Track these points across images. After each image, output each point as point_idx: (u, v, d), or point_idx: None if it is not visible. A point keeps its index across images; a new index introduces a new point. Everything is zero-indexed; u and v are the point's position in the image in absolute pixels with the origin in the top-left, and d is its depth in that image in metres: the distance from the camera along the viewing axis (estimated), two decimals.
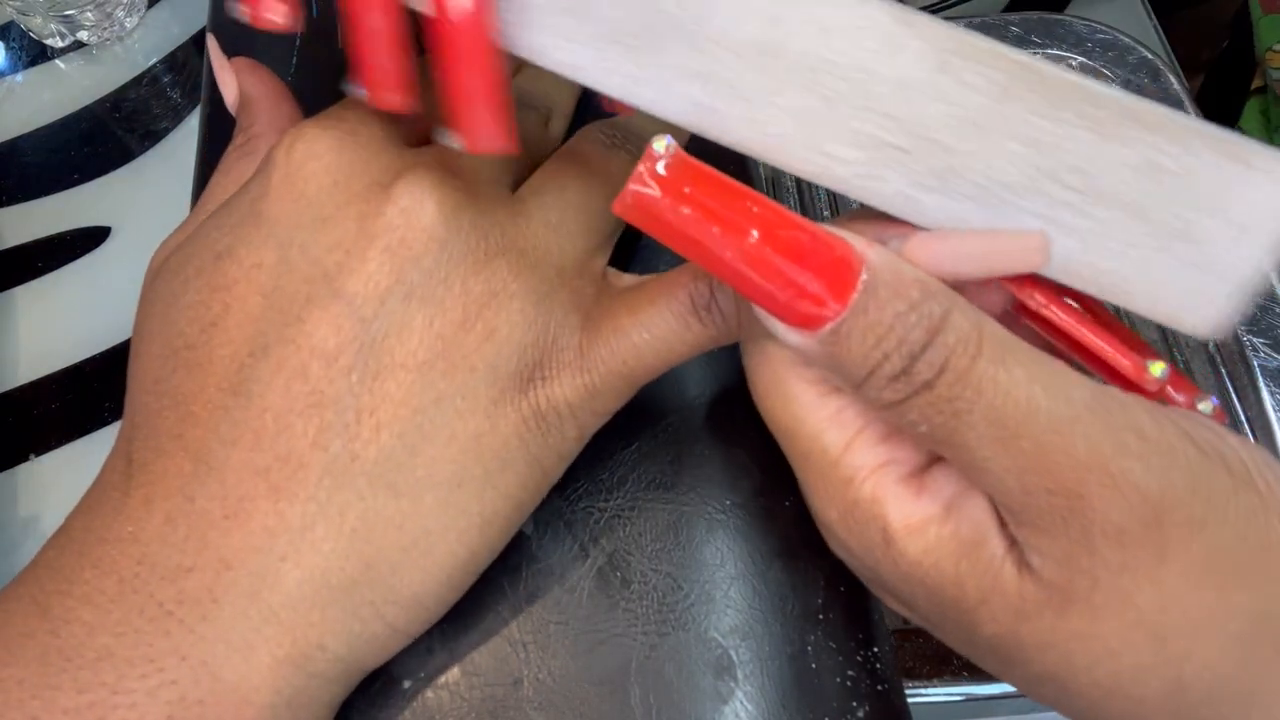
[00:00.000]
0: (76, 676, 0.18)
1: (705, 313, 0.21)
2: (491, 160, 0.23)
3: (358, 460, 0.19)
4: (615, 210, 0.17)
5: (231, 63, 0.25)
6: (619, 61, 0.19)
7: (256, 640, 0.19)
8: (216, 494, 0.19)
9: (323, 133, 0.21)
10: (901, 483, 0.19)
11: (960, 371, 0.17)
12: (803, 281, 0.17)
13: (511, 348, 0.20)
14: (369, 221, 0.20)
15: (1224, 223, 0.18)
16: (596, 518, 0.24)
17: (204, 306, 0.20)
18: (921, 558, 0.18)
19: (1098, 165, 0.18)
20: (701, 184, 0.17)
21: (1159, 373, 0.19)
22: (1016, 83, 0.18)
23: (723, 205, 0.17)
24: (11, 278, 0.39)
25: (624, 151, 0.25)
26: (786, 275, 0.17)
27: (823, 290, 0.17)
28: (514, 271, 0.21)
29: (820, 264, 0.17)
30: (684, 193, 0.17)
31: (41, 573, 0.19)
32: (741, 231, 0.17)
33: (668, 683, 0.22)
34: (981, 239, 0.19)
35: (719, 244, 0.17)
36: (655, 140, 0.16)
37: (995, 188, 0.19)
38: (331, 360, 0.19)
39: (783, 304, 0.17)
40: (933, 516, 0.18)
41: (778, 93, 0.19)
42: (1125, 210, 0.18)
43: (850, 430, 0.19)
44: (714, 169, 0.17)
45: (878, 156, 0.19)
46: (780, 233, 0.17)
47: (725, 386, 0.26)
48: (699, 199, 0.17)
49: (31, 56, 0.44)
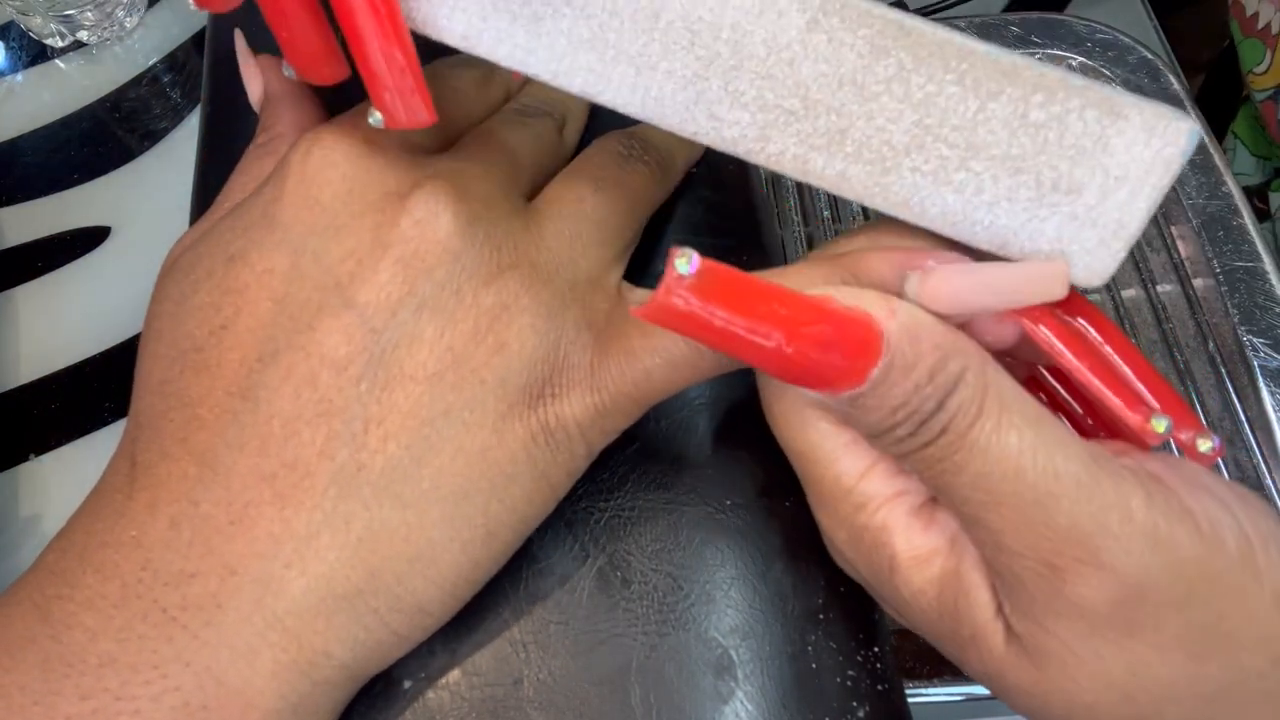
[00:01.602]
0: (79, 683, 0.18)
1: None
2: (508, 171, 0.23)
3: (364, 470, 0.19)
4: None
5: (258, 60, 0.25)
6: (508, 30, 0.19)
7: (261, 646, 0.19)
8: (222, 499, 0.19)
9: (339, 140, 0.21)
10: (912, 514, 0.19)
11: (959, 433, 0.17)
12: (828, 363, 0.17)
13: (521, 362, 0.20)
14: (383, 232, 0.20)
15: (1101, 174, 0.18)
16: (596, 518, 0.24)
17: (214, 309, 0.20)
18: (925, 587, 0.19)
19: (973, 120, 0.18)
20: (728, 292, 0.16)
21: (1162, 429, 0.19)
22: (887, 39, 0.18)
23: (750, 310, 0.17)
24: (11, 278, 0.39)
25: (641, 164, 0.25)
26: (813, 363, 0.17)
27: (846, 368, 0.17)
28: (525, 285, 0.21)
29: (845, 347, 0.17)
30: (710, 304, 0.16)
31: (43, 577, 0.19)
32: (769, 336, 0.17)
33: (668, 683, 0.22)
34: (1003, 272, 0.19)
35: (747, 346, 0.17)
36: (679, 259, 0.16)
37: (881, 147, 0.19)
38: (341, 369, 0.19)
39: (809, 381, 0.17)
40: (938, 549, 0.19)
41: (662, 56, 0.19)
42: (1003, 164, 0.19)
43: (865, 461, 0.19)
44: (738, 270, 0.17)
45: (764, 119, 0.19)
46: (806, 331, 0.17)
47: (726, 387, 0.26)
48: (726, 307, 0.16)
49: (31, 56, 0.44)
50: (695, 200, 0.28)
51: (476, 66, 0.26)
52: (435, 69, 0.26)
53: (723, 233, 0.28)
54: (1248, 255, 0.41)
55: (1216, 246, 0.41)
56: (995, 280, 0.19)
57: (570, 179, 0.24)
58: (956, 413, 0.17)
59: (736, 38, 0.18)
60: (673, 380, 0.21)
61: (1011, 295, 0.19)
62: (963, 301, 0.19)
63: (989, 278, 0.19)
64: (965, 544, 0.19)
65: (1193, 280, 0.41)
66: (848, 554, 0.20)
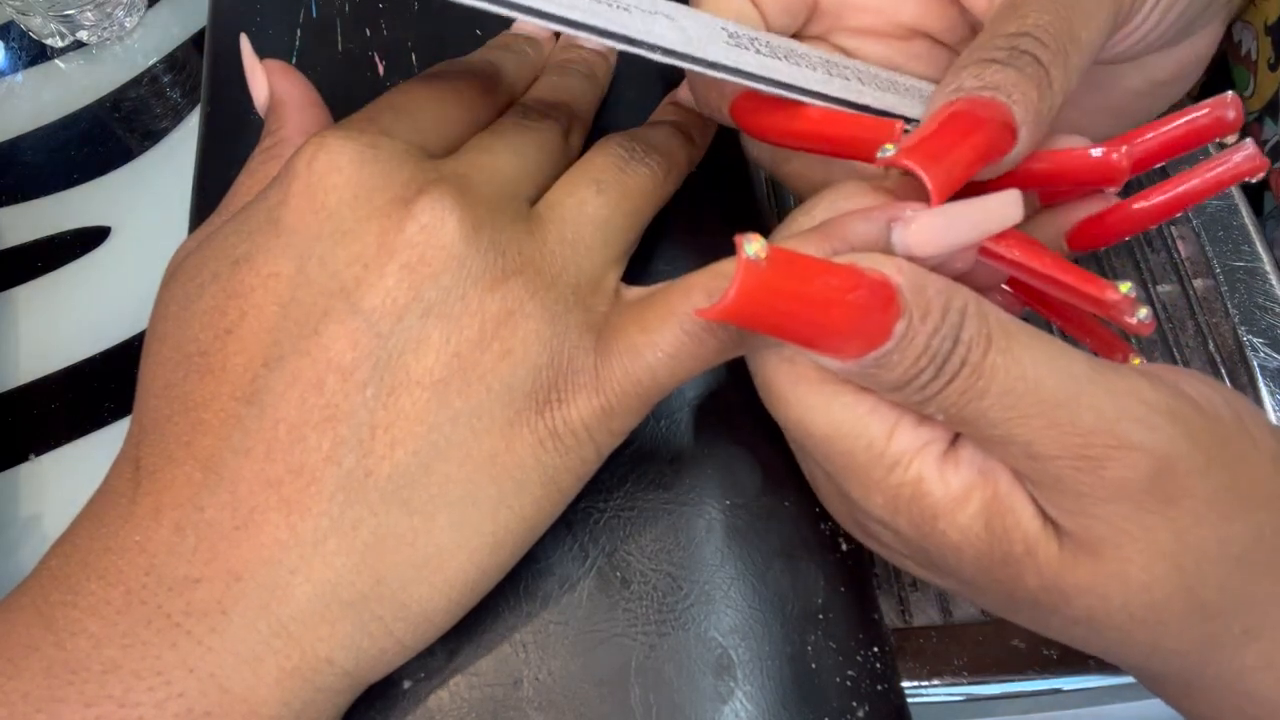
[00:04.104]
0: (83, 690, 0.18)
1: (721, 330, 0.21)
2: (513, 176, 0.23)
3: (371, 476, 0.19)
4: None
5: (264, 64, 0.25)
6: None
7: (265, 653, 0.19)
8: (227, 504, 0.19)
9: (345, 144, 0.21)
10: (940, 461, 0.20)
11: (975, 364, 0.18)
12: (866, 326, 0.18)
13: (526, 369, 0.20)
14: (389, 237, 0.20)
15: None
16: (596, 518, 0.24)
17: (219, 312, 0.20)
18: (971, 523, 0.19)
19: None
20: (792, 272, 0.17)
21: (1127, 289, 0.20)
22: None
23: (809, 286, 0.17)
24: (11, 278, 0.39)
25: (643, 165, 0.25)
26: (854, 329, 0.18)
27: (876, 328, 0.18)
28: (530, 290, 0.21)
29: (876, 308, 0.18)
30: (779, 288, 0.17)
31: (46, 582, 0.19)
32: (827, 310, 0.17)
33: (668, 682, 0.22)
34: (970, 207, 0.20)
35: (806, 324, 0.18)
36: (750, 245, 0.16)
37: None
38: (347, 375, 0.19)
39: (847, 348, 0.18)
40: (973, 483, 0.19)
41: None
42: None
43: (889, 423, 0.20)
44: (793, 250, 0.18)
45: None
46: (850, 298, 0.18)
47: (725, 386, 0.26)
48: (792, 288, 0.17)
49: (31, 56, 0.44)
50: (695, 200, 0.28)
51: (482, 70, 0.26)
52: (439, 72, 0.26)
53: (723, 233, 0.28)
54: (1248, 255, 0.41)
55: (1216, 246, 0.41)
56: (966, 215, 0.20)
57: (572, 182, 0.24)
58: (970, 345, 0.18)
59: None
60: (676, 374, 0.21)
61: (983, 225, 0.20)
62: (947, 240, 0.20)
63: (960, 214, 0.20)
64: (996, 471, 0.19)
65: (1193, 280, 0.41)
66: (887, 518, 0.20)
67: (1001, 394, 0.18)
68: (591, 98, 0.28)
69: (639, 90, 0.30)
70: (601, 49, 0.29)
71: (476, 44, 0.29)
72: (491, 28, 0.30)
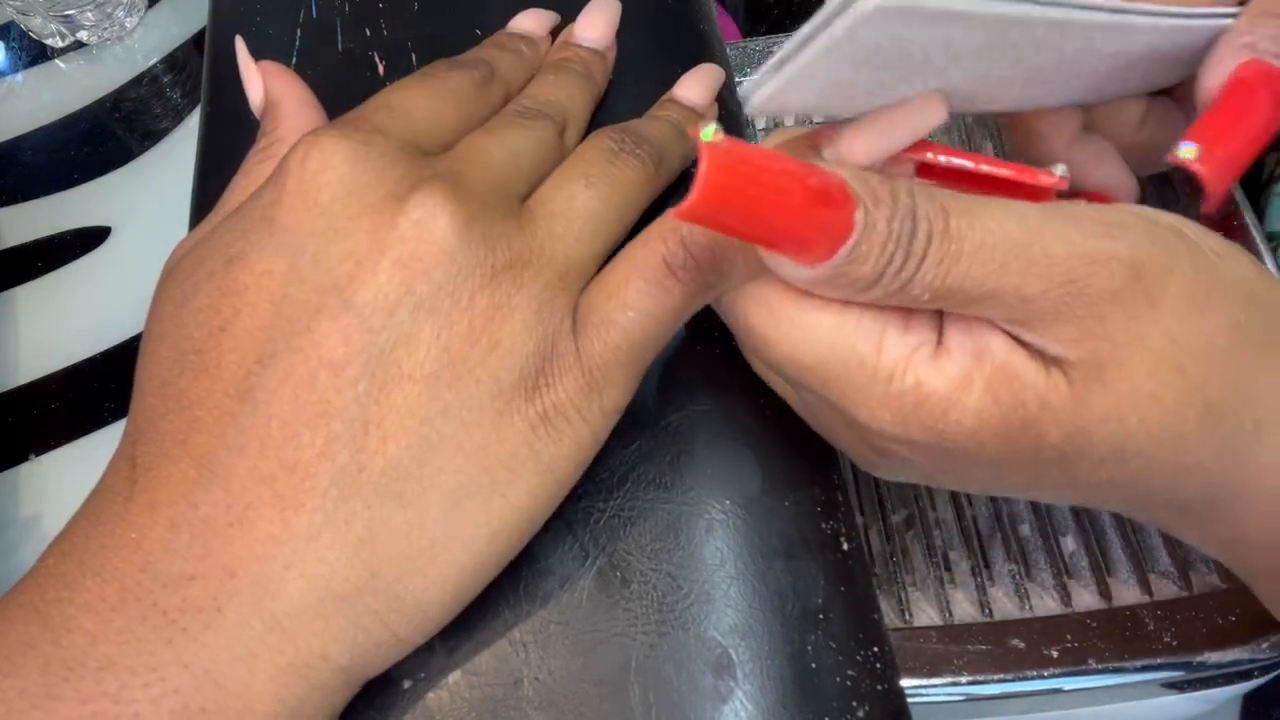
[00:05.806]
0: (79, 686, 0.18)
1: (683, 270, 0.21)
2: (506, 173, 0.23)
3: (365, 471, 0.19)
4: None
5: (259, 65, 0.25)
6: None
7: (260, 649, 0.19)
8: (221, 501, 0.19)
9: (338, 142, 0.21)
10: (932, 358, 0.20)
11: (941, 232, 0.19)
12: (828, 219, 0.18)
13: (514, 359, 0.21)
14: (381, 233, 0.20)
15: None
16: (596, 518, 0.24)
17: (213, 311, 0.20)
18: (979, 403, 0.20)
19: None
20: (747, 155, 0.18)
21: (1060, 171, 0.21)
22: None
23: (768, 167, 0.18)
24: (11, 278, 0.39)
25: (632, 157, 0.25)
26: (820, 219, 0.18)
27: (839, 222, 0.18)
28: (518, 284, 0.21)
29: (832, 200, 0.18)
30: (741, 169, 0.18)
31: (43, 580, 0.19)
32: (790, 191, 0.18)
33: (667, 682, 0.22)
34: (894, 113, 0.21)
35: (774, 208, 0.18)
36: (704, 129, 0.17)
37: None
38: (339, 370, 0.19)
39: (817, 242, 0.19)
40: (969, 367, 0.20)
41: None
42: None
43: (875, 333, 0.20)
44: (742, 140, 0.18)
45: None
46: (810, 183, 0.18)
47: (724, 386, 0.26)
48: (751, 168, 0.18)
49: (31, 56, 0.44)
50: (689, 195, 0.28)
51: (476, 68, 0.26)
52: (434, 70, 0.26)
53: None
54: None
55: None
56: (891, 121, 0.21)
57: (562, 177, 0.24)
58: (930, 218, 0.19)
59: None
60: (649, 331, 0.22)
61: (910, 129, 0.21)
62: (876, 147, 0.21)
63: (884, 121, 0.21)
64: (987, 347, 0.20)
65: None
66: (899, 432, 0.21)
67: (976, 250, 0.19)
68: (587, 97, 0.28)
69: (639, 86, 0.30)
70: (600, 48, 0.29)
71: (476, 43, 0.29)
72: (491, 27, 0.30)
